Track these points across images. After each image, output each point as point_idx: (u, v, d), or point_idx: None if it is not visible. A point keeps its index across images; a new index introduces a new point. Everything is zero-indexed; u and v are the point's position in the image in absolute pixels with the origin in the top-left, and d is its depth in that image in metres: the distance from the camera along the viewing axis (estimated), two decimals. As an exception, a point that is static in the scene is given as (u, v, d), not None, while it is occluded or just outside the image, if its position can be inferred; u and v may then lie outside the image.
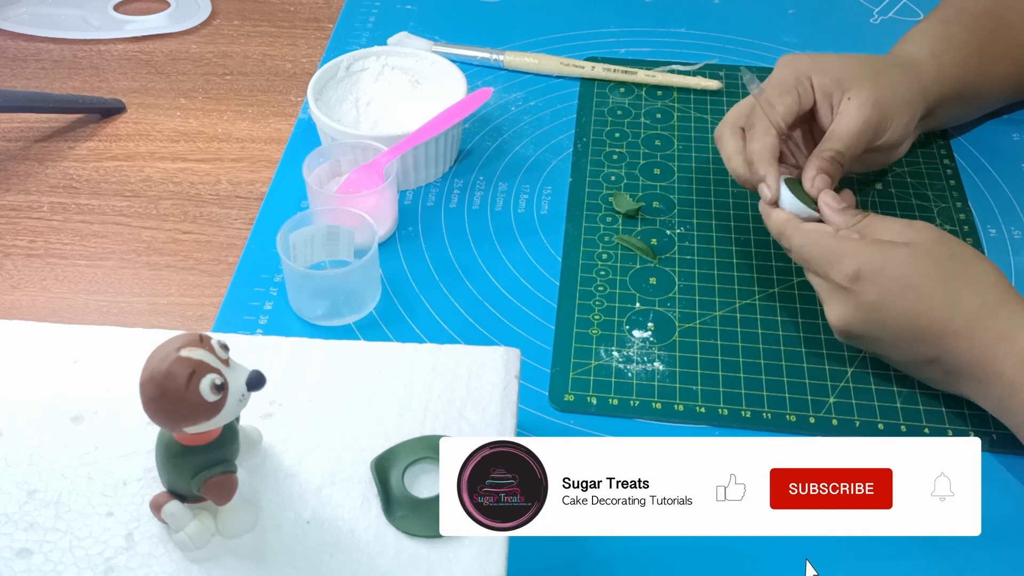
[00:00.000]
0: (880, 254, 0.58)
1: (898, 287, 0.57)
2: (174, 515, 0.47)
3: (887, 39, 0.93)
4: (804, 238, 0.62)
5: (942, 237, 0.59)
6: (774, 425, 0.61)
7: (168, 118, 0.86)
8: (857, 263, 0.58)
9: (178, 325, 0.67)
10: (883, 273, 0.57)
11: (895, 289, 0.57)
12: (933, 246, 0.58)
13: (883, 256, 0.58)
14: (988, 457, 0.59)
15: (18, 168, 0.81)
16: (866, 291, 0.58)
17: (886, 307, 0.58)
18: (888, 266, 0.57)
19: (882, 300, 0.58)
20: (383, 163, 0.71)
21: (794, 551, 0.54)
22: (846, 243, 0.59)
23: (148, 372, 0.43)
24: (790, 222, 0.63)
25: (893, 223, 0.61)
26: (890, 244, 0.59)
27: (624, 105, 0.86)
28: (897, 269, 0.57)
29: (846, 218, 0.62)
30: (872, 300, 0.58)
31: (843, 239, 0.60)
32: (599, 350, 0.65)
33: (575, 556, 0.54)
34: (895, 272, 0.57)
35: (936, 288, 0.57)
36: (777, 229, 0.64)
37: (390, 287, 0.69)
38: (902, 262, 0.57)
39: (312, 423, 0.53)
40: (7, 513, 0.48)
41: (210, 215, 0.76)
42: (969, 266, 0.58)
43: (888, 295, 0.57)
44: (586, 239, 0.73)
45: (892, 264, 0.57)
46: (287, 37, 0.96)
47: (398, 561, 0.47)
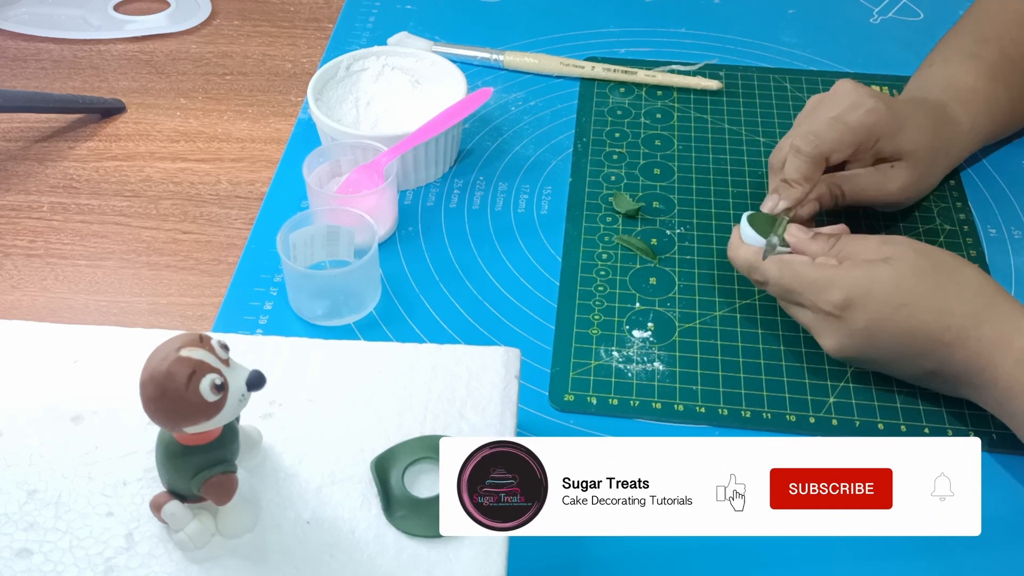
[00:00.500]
0: (865, 277, 0.57)
1: (888, 309, 0.57)
2: (174, 515, 0.47)
3: (887, 39, 0.93)
4: (782, 271, 0.61)
5: (921, 249, 0.59)
6: (774, 425, 0.61)
7: (168, 118, 0.86)
8: (844, 291, 0.58)
9: (178, 325, 0.67)
10: (871, 297, 0.57)
11: (885, 311, 0.57)
12: (915, 259, 0.58)
13: (868, 279, 0.57)
14: (988, 457, 0.59)
15: (18, 168, 0.81)
16: (856, 318, 0.58)
17: (878, 330, 0.58)
18: (874, 289, 0.57)
19: (873, 323, 0.57)
20: (383, 163, 0.71)
21: (794, 551, 0.54)
22: (828, 271, 0.59)
23: (148, 372, 0.43)
24: (758, 256, 0.63)
25: (869, 241, 0.60)
26: (871, 265, 0.58)
27: (624, 105, 0.86)
28: (884, 290, 0.57)
29: (820, 244, 0.61)
30: (863, 325, 0.58)
31: (823, 267, 0.59)
32: (599, 350, 0.65)
33: (575, 556, 0.54)
34: (882, 294, 0.57)
35: (925, 303, 0.57)
36: (746, 264, 0.63)
37: (390, 287, 0.69)
38: (888, 282, 0.57)
39: (312, 423, 0.53)
40: (7, 513, 0.48)
41: (210, 215, 0.76)
42: (953, 274, 0.58)
43: (879, 318, 0.57)
44: (586, 239, 0.73)
45: (878, 286, 0.57)
46: (287, 37, 0.96)
47: (398, 561, 0.47)
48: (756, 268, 0.63)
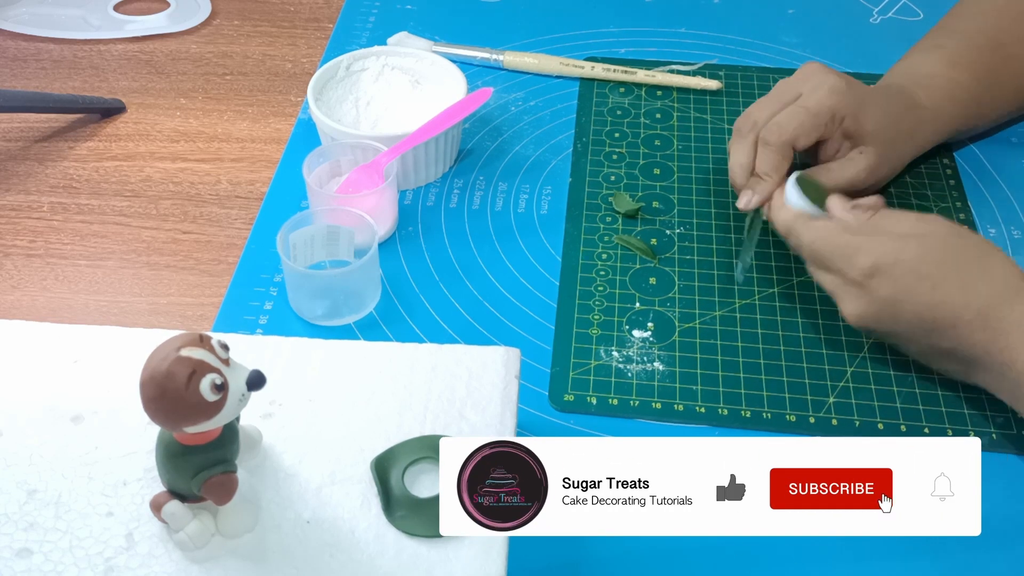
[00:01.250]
0: (895, 247, 0.58)
1: (912, 279, 0.57)
2: (174, 515, 0.47)
3: (887, 39, 0.93)
4: (815, 234, 0.62)
5: (955, 229, 0.60)
6: (774, 425, 0.61)
7: (168, 118, 0.86)
8: (873, 257, 0.58)
9: (178, 325, 0.67)
10: (897, 266, 0.58)
11: (909, 281, 0.57)
12: (946, 236, 0.59)
13: (897, 249, 0.58)
14: (988, 457, 0.59)
15: (18, 168, 0.81)
16: (881, 286, 0.58)
17: (901, 300, 0.58)
18: (902, 258, 0.57)
19: (897, 293, 0.58)
20: (383, 163, 0.71)
21: (794, 551, 0.54)
22: (859, 238, 0.59)
23: (148, 372, 0.43)
24: (799, 219, 0.63)
25: (905, 217, 0.61)
26: (903, 237, 0.59)
27: (624, 105, 0.86)
28: (910, 261, 0.57)
29: (857, 215, 0.62)
30: (887, 294, 0.58)
31: (856, 234, 0.60)
32: (599, 350, 0.65)
33: (575, 556, 0.54)
34: (909, 264, 0.57)
35: (950, 278, 0.57)
36: (785, 227, 0.64)
37: (390, 287, 0.69)
38: (915, 253, 0.58)
39: (312, 423, 0.53)
40: (7, 513, 0.48)
41: (210, 215, 0.76)
42: (983, 256, 0.58)
43: (902, 287, 0.58)
44: (586, 239, 0.73)
45: (905, 256, 0.58)
46: (287, 37, 0.96)
47: (398, 561, 0.47)
48: (792, 231, 0.63)
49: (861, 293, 0.59)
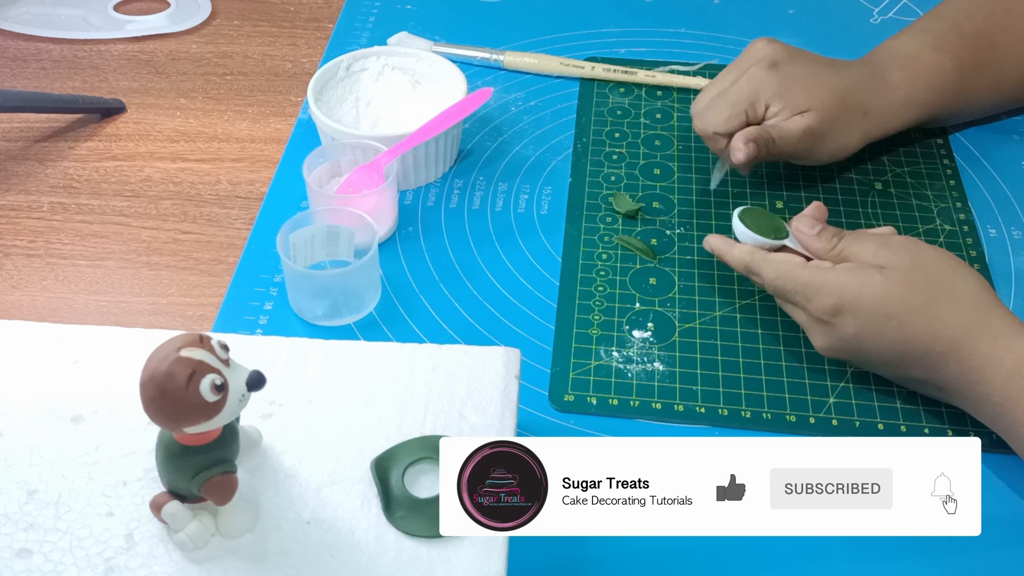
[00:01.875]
0: (855, 284, 0.57)
1: (878, 317, 0.57)
2: (174, 515, 0.47)
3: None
4: (775, 272, 0.61)
5: (919, 258, 0.58)
6: (774, 425, 0.61)
7: (168, 118, 0.86)
8: (834, 297, 0.58)
9: (178, 325, 0.67)
10: (860, 305, 0.57)
11: (875, 319, 0.57)
12: (910, 269, 0.58)
13: (858, 286, 0.57)
14: (988, 457, 0.59)
15: (18, 168, 0.81)
16: (846, 324, 0.58)
17: (867, 337, 0.58)
18: (864, 296, 0.57)
19: (861, 332, 0.58)
20: (383, 163, 0.71)
21: (794, 551, 0.54)
22: (819, 275, 0.59)
23: (148, 372, 0.43)
24: (755, 254, 0.63)
25: (868, 243, 0.60)
26: (864, 272, 0.58)
27: (624, 105, 0.86)
28: (874, 300, 0.57)
29: (823, 243, 0.61)
30: (853, 332, 0.58)
31: (816, 271, 0.59)
32: (599, 350, 0.65)
33: (575, 556, 0.54)
34: (872, 303, 0.57)
35: (915, 315, 0.56)
36: (743, 265, 0.64)
37: (390, 287, 0.69)
38: (878, 292, 0.57)
39: (312, 423, 0.53)
40: (7, 513, 0.48)
41: (210, 215, 0.76)
42: (949, 286, 0.57)
43: (867, 326, 0.57)
44: (586, 239, 0.73)
45: (868, 293, 0.57)
46: (287, 37, 0.96)
47: (398, 561, 0.47)
48: (751, 268, 0.63)
49: (828, 329, 0.59)
